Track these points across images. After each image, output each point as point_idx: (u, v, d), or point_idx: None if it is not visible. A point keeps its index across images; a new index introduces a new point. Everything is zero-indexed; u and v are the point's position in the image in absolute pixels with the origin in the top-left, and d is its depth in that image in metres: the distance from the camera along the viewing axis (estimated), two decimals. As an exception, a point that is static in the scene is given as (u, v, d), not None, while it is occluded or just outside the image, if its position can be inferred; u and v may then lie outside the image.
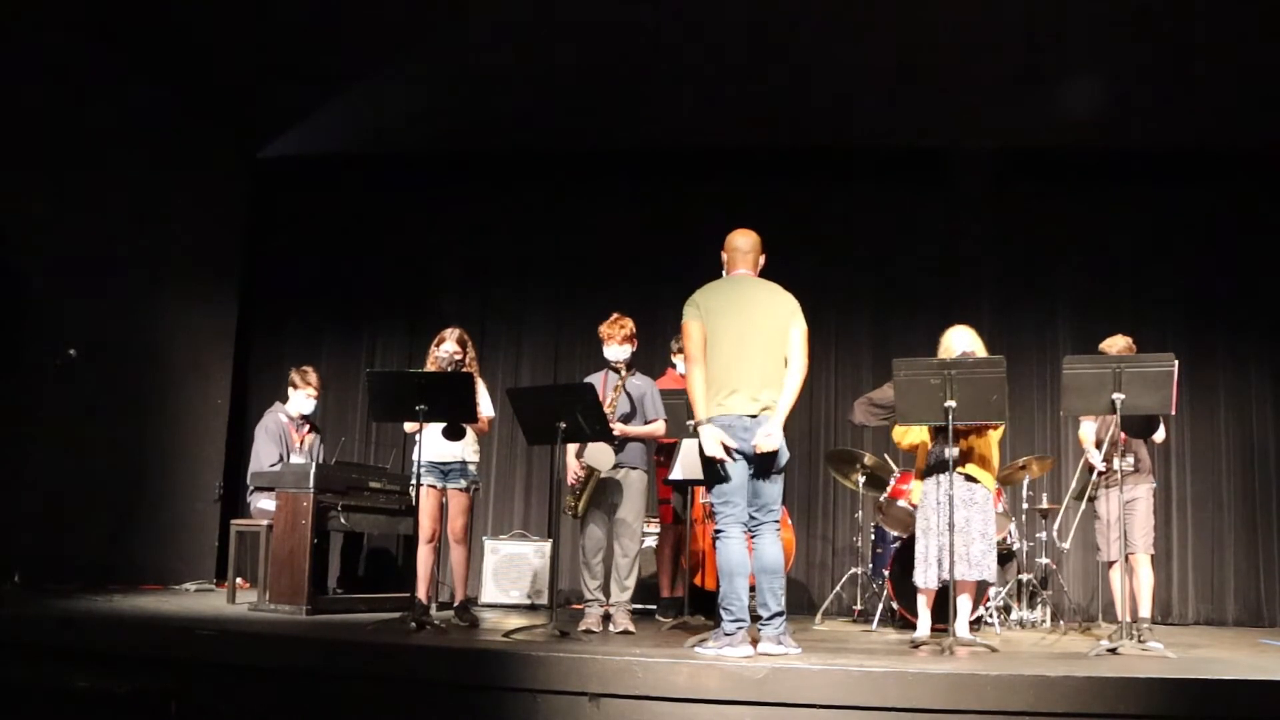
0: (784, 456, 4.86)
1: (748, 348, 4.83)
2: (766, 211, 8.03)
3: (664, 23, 7.50)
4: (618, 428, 5.72)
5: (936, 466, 5.62)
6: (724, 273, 5.12)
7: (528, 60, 7.99)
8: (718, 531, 4.83)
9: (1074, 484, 6.57)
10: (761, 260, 5.09)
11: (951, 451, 5.41)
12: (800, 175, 9.21)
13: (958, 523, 5.39)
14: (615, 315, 6.07)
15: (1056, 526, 6.92)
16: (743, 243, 5.07)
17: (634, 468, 5.92)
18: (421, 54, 7.95)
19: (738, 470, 4.79)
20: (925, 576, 5.60)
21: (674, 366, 7.03)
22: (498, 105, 8.71)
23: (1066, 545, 6.78)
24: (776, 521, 4.87)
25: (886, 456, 7.53)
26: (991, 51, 7.57)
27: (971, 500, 5.54)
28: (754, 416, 4.78)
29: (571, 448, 5.83)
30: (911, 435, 5.97)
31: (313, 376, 7.22)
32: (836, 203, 9.28)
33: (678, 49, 7.81)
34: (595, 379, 5.97)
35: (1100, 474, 6.20)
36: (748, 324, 4.86)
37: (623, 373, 5.97)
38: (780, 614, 4.73)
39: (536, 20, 7.47)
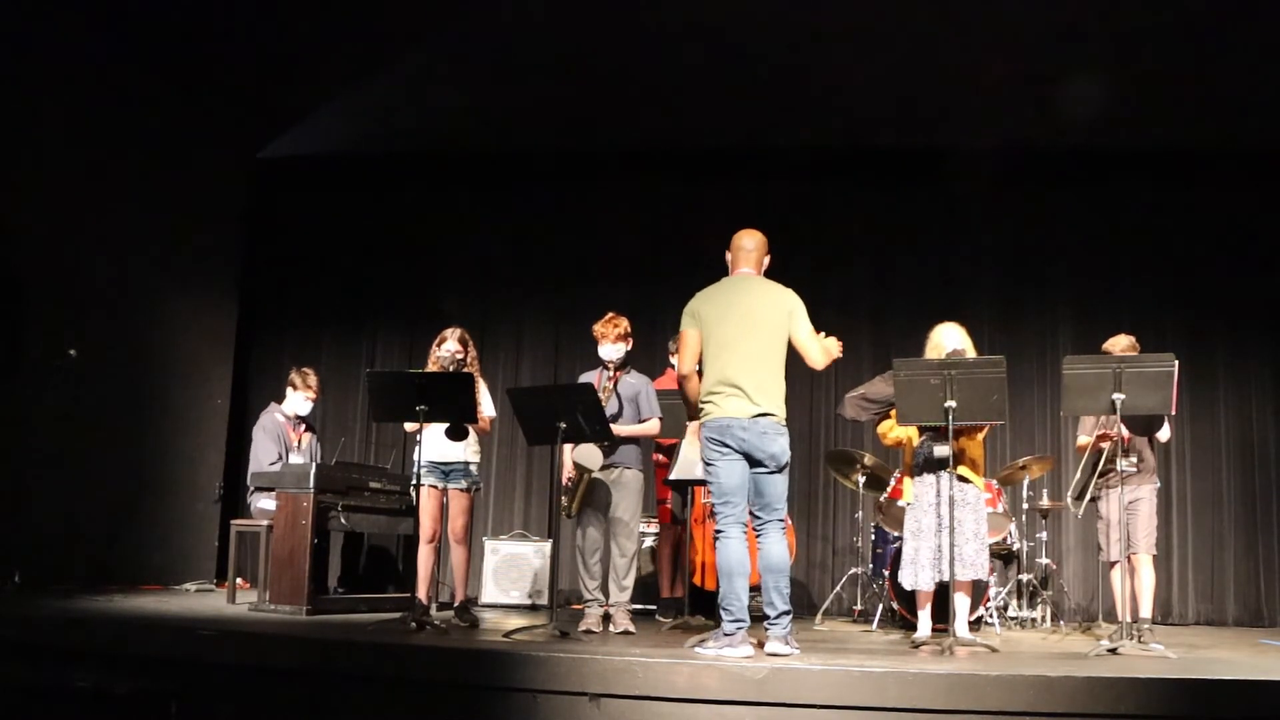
0: (785, 455, 4.86)
1: (747, 350, 4.82)
2: (767, 211, 8.05)
3: (665, 23, 7.50)
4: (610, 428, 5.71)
5: (926, 466, 5.62)
6: (729, 272, 5.12)
7: (528, 60, 7.99)
8: (718, 531, 4.83)
9: (1074, 483, 6.55)
10: (766, 260, 5.10)
11: (945, 451, 5.40)
12: (800, 175, 9.21)
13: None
14: (610, 314, 6.07)
15: (1069, 495, 6.83)
16: (747, 243, 5.07)
17: (629, 467, 5.92)
18: (421, 54, 7.95)
19: (736, 470, 4.79)
20: (916, 579, 5.59)
21: (673, 366, 7.01)
22: (498, 105, 8.71)
23: (1079, 512, 6.67)
24: (781, 520, 4.87)
25: (889, 461, 7.53)
26: (992, 51, 7.57)
27: (964, 500, 5.53)
28: (754, 418, 4.78)
29: (568, 447, 5.82)
30: (895, 431, 5.97)
31: (313, 379, 7.22)
32: (836, 203, 9.28)
33: (678, 49, 7.81)
34: (590, 377, 5.97)
35: (1103, 474, 6.18)
36: (745, 326, 4.85)
37: (612, 372, 5.96)
38: (787, 613, 4.73)
39: (536, 20, 7.47)
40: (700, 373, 4.97)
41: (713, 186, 9.23)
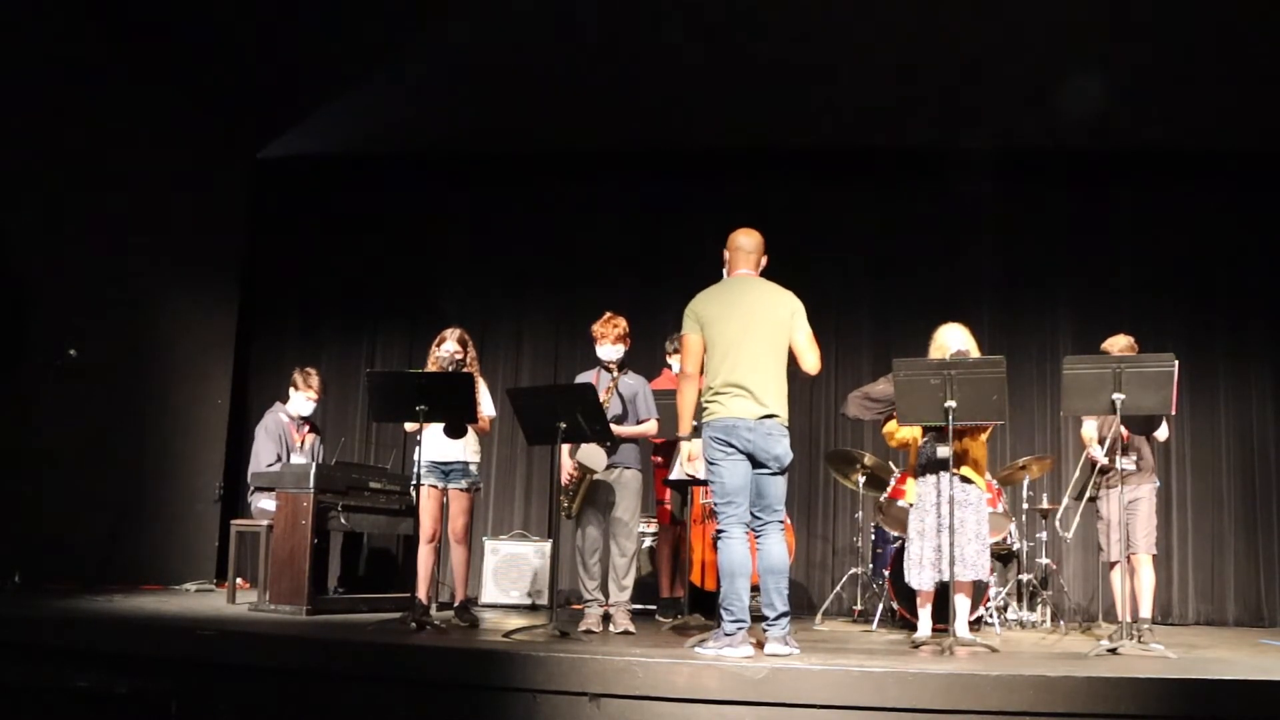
0: (787, 456, 4.86)
1: (751, 351, 4.82)
2: (766, 211, 8.05)
3: (664, 23, 7.51)
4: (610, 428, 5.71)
5: (929, 467, 5.62)
6: (724, 272, 5.12)
7: (528, 60, 8.00)
8: (719, 532, 4.82)
9: (1074, 482, 6.57)
10: (763, 261, 5.09)
11: (946, 451, 5.41)
12: (800, 175, 9.22)
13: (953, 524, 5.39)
14: (608, 314, 6.06)
15: (1059, 517, 6.90)
16: (745, 242, 5.05)
17: (628, 467, 5.91)
18: (421, 54, 7.96)
19: (740, 471, 4.79)
20: (920, 579, 5.60)
21: (670, 367, 7.02)
22: (498, 105, 8.71)
23: (1069, 535, 6.75)
24: (781, 521, 4.87)
25: (890, 462, 7.53)
26: (992, 52, 7.57)
27: (966, 501, 5.53)
28: (760, 420, 4.77)
29: (566, 447, 5.82)
30: (902, 432, 5.97)
31: (315, 380, 7.21)
32: (837, 203, 9.28)
33: (678, 49, 7.81)
34: (588, 377, 5.96)
35: (1103, 473, 6.19)
36: (749, 327, 4.84)
37: (615, 373, 5.96)
38: (786, 614, 4.73)
39: (537, 20, 7.48)
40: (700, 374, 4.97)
41: (713, 186, 9.23)
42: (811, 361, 4.95)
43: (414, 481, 5.98)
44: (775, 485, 4.84)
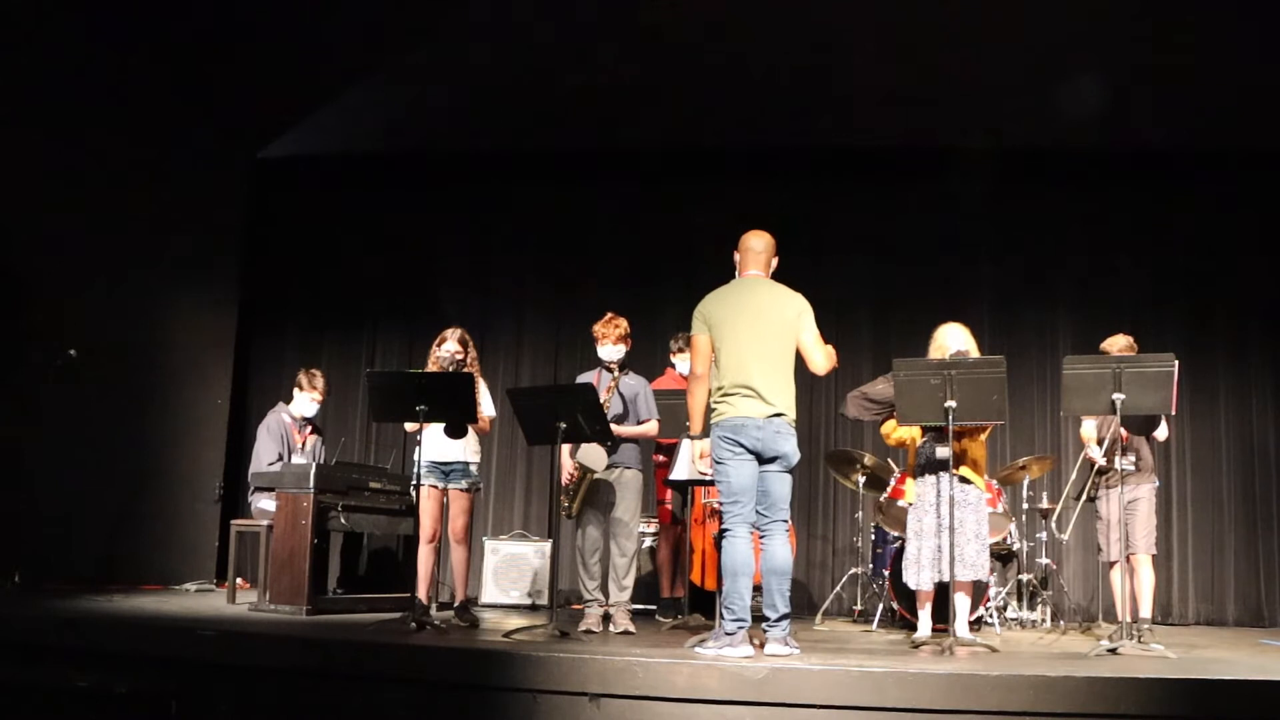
0: (795, 455, 4.87)
1: (757, 351, 4.84)
2: (766, 211, 8.03)
3: (664, 23, 7.50)
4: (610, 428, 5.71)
5: (928, 467, 5.62)
6: (736, 273, 5.14)
7: (528, 60, 7.99)
8: (724, 530, 4.83)
9: (1072, 481, 6.58)
10: (774, 263, 5.12)
11: (946, 452, 5.41)
12: (800, 175, 9.21)
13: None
14: (609, 315, 6.07)
15: (1055, 518, 6.92)
16: (756, 244, 5.09)
17: (629, 467, 5.92)
18: (421, 54, 7.96)
19: (747, 470, 4.80)
20: (918, 579, 5.60)
21: (673, 366, 7.03)
22: (497, 105, 8.71)
23: (1065, 537, 6.77)
24: (785, 521, 4.88)
25: (889, 461, 7.53)
26: (992, 51, 7.57)
27: (965, 501, 5.54)
28: (768, 419, 4.78)
29: (566, 447, 5.82)
30: (899, 431, 5.97)
31: (319, 381, 7.22)
32: (836, 202, 9.28)
33: (677, 49, 7.81)
34: (589, 377, 5.97)
35: (1102, 473, 6.19)
36: (756, 327, 4.87)
37: (615, 373, 5.97)
38: (787, 615, 4.75)
39: (536, 21, 7.47)
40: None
41: (713, 186, 9.23)
42: (819, 362, 4.98)
43: (414, 481, 5.97)
44: (781, 484, 4.85)
